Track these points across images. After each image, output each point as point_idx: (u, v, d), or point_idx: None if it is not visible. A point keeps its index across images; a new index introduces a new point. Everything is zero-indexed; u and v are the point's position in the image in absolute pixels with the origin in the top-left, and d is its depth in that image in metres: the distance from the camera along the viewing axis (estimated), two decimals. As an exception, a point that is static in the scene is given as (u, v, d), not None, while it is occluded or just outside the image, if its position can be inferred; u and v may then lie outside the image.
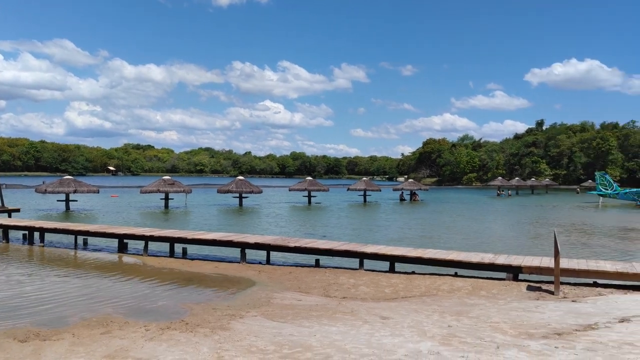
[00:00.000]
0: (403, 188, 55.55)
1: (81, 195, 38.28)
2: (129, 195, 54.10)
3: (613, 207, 47.28)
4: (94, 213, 34.11)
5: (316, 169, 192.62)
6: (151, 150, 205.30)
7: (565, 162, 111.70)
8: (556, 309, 9.36)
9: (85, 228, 18.23)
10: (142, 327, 8.10)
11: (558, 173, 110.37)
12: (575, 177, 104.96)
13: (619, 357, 6.22)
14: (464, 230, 27.00)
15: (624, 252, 19.03)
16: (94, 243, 18.59)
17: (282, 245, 14.82)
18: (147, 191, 39.05)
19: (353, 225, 29.07)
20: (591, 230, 27.78)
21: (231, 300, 10.62)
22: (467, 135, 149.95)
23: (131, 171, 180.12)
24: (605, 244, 21.53)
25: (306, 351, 6.66)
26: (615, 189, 54.09)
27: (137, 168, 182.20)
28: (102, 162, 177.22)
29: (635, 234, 25.32)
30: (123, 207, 40.03)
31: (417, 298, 10.74)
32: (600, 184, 54.67)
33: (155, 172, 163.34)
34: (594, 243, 21.97)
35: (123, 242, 17.19)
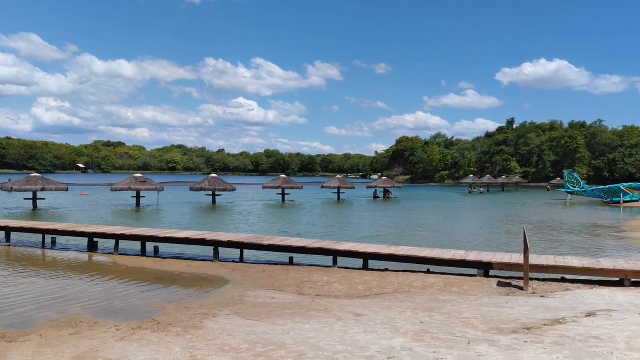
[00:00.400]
0: (377, 186, 55.90)
1: (49, 193, 37.43)
2: (99, 193, 53.11)
3: (580, 205, 48.44)
4: (62, 211, 33.39)
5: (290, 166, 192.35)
6: (122, 147, 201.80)
7: (534, 160, 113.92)
8: (525, 304, 9.55)
9: (54, 227, 17.82)
10: (113, 327, 7.97)
11: (528, 171, 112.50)
12: (545, 175, 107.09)
13: (585, 350, 6.38)
14: (436, 227, 27.31)
15: (590, 248, 19.52)
16: (63, 242, 18.19)
17: (256, 243, 14.75)
18: (118, 189, 38.39)
19: (327, 223, 29.12)
20: (559, 227, 28.42)
21: (204, 299, 10.53)
22: (440, 133, 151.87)
23: (102, 169, 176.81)
24: (572, 241, 22.05)
25: (280, 349, 6.64)
26: (583, 186, 55.40)
27: (107, 165, 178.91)
28: (71, 160, 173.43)
29: (602, 231, 26.00)
30: (93, 205, 39.29)
31: (390, 295, 10.82)
32: (568, 182, 55.93)
33: (127, 170, 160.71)
34: (562, 239, 22.48)
35: (93, 241, 16.88)
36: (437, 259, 12.88)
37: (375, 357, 6.23)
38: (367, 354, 6.37)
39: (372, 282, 12.05)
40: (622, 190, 48.99)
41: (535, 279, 11.87)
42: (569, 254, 15.83)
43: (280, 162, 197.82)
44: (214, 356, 6.41)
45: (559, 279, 12.11)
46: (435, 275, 12.75)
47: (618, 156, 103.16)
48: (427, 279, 12.27)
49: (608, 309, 8.88)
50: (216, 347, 6.81)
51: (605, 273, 11.57)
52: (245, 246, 14.87)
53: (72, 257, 15.94)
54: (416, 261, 13.14)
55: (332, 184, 51.65)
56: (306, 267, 14.04)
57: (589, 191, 54.01)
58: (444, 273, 12.87)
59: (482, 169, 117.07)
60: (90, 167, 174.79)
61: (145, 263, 14.77)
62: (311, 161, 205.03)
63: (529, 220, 31.14)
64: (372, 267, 13.71)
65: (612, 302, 9.53)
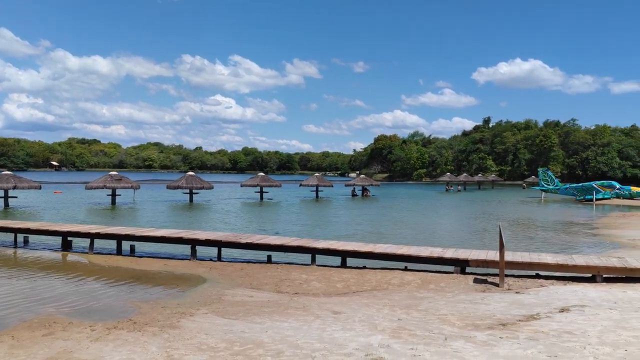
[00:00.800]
0: (355, 184, 56.08)
1: (21, 191, 36.63)
2: (73, 191, 52.21)
3: (554, 202, 49.33)
4: (35, 210, 32.73)
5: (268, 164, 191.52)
6: (97, 145, 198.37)
7: (510, 158, 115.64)
8: (501, 300, 9.69)
9: (26, 225, 17.44)
10: (88, 328, 7.84)
11: (503, 169, 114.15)
12: (520, 173, 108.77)
13: (559, 345, 6.50)
14: (414, 225, 27.52)
15: (564, 245, 19.88)
16: (36, 241, 17.83)
17: (234, 241, 14.67)
18: (92, 187, 37.80)
19: (305, 221, 29.12)
20: (534, 224, 28.90)
21: (181, 297, 10.43)
22: (417, 131, 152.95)
23: (76, 166, 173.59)
24: (547, 238, 22.44)
25: (258, 347, 6.62)
26: (557, 184, 56.44)
27: (82, 163, 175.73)
28: (44, 157, 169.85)
29: (575, 228, 26.52)
30: (67, 203, 38.61)
31: (368, 292, 10.87)
32: (542, 180, 56.91)
33: (102, 168, 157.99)
34: (536, 236, 22.87)
35: (67, 240, 16.59)
36: (415, 257, 12.99)
37: (353, 354, 6.25)
38: (345, 351, 6.39)
39: (350, 280, 12.09)
40: (595, 188, 50.05)
41: (510, 276, 12.05)
42: (543, 251, 16.08)
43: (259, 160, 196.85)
44: (191, 355, 6.36)
45: (533, 276, 12.31)
46: (412, 272, 12.85)
47: (590, 155, 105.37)
48: (405, 277, 12.35)
49: (581, 304, 9.07)
50: (193, 346, 6.75)
51: (578, 269, 11.81)
52: (223, 244, 14.78)
53: (46, 256, 15.63)
54: (394, 259, 13.22)
55: (311, 182, 51.65)
56: (284, 265, 14.02)
57: (563, 189, 55.04)
58: (422, 270, 12.97)
59: (459, 167, 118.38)
60: (64, 165, 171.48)
61: (121, 262, 14.58)
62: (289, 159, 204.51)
63: (505, 218, 31.60)
64: (350, 265, 13.75)
65: (584, 297, 9.73)
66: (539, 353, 6.19)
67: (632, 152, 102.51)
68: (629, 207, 42.04)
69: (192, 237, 14.97)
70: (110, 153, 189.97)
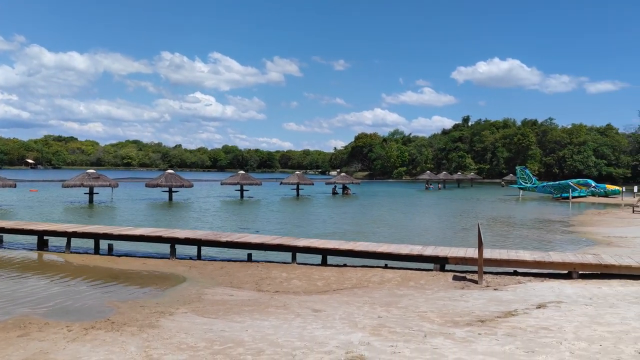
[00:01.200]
0: (335, 182, 56.18)
1: (-4, 189, 35.92)
2: (49, 189, 51.30)
3: (532, 200, 50.06)
4: (10, 208, 32.07)
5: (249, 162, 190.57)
6: (74, 142, 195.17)
7: (489, 156, 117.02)
8: (479, 297, 9.80)
9: (0, 224, 17.08)
10: (64, 328, 7.71)
11: (482, 167, 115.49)
12: (498, 171, 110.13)
13: (536, 341, 6.60)
14: (394, 223, 27.68)
15: (541, 242, 20.20)
16: (10, 240, 17.46)
17: (214, 240, 14.59)
18: (69, 185, 37.19)
19: (286, 220, 29.08)
20: (512, 222, 29.29)
21: (160, 297, 10.33)
22: (398, 130, 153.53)
23: (52, 164, 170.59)
24: (524, 235, 22.77)
25: (238, 346, 6.59)
26: (534, 182, 57.33)
27: (58, 161, 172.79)
28: (19, 155, 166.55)
29: (551, 225, 26.95)
30: (43, 202, 37.94)
31: (349, 290, 10.90)
32: (520, 178, 57.75)
33: (79, 166, 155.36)
34: (514, 234, 23.19)
35: (43, 239, 16.30)
36: (395, 254, 13.06)
37: (334, 352, 6.27)
38: (326, 349, 6.40)
39: (331, 278, 12.11)
40: (571, 186, 50.95)
41: (489, 273, 12.19)
42: (521, 248, 16.33)
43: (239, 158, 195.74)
44: (171, 355, 6.31)
45: (511, 272, 12.48)
46: (392, 270, 12.93)
47: (567, 153, 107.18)
48: (385, 274, 12.42)
49: (557, 300, 9.22)
50: (173, 345, 6.70)
51: (555, 266, 12.01)
52: (202, 243, 14.68)
53: (21, 256, 15.32)
54: (374, 256, 13.28)
55: (291, 180, 51.60)
56: (265, 264, 13.98)
57: (540, 187, 55.93)
58: (402, 268, 13.06)
59: (439, 165, 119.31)
60: (40, 163, 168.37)
61: (99, 261, 14.38)
62: (270, 157, 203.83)
63: (483, 216, 31.96)
64: (330, 263, 13.78)
65: (561, 293, 9.90)
66: (517, 349, 6.27)
67: (607, 150, 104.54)
68: (604, 205, 42.88)
69: (172, 236, 14.84)
70: (87, 151, 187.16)
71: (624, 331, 7.01)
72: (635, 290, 10.09)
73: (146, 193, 46.23)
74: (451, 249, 13.82)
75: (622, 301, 9.09)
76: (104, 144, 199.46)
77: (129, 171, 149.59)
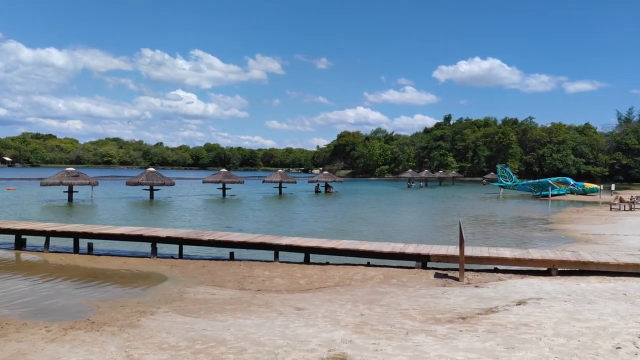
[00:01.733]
0: (318, 180, 56.22)
1: (-28, 188, 35.22)
2: (27, 188, 50.47)
3: (512, 198, 50.65)
4: (-13, 207, 31.49)
5: (231, 160, 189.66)
6: (53, 140, 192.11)
7: (470, 155, 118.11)
8: (461, 294, 9.88)
9: (-23, 224, 16.76)
10: (43, 328, 7.59)
11: (464, 166, 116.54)
12: (479, 170, 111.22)
13: (516, 337, 6.68)
14: (376, 221, 27.78)
15: (521, 240, 20.45)
16: (-12, 240, 17.15)
17: (196, 238, 14.49)
18: (48, 183, 36.60)
19: (268, 218, 29.01)
20: (493, 219, 29.60)
21: (141, 296, 10.23)
22: (380, 128, 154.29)
23: (30, 162, 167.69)
24: (505, 233, 23.03)
25: (220, 345, 6.56)
26: (515, 180, 58.00)
27: (37, 159, 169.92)
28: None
29: (531, 223, 27.30)
30: (21, 200, 37.28)
31: (331, 288, 10.91)
32: (501, 176, 58.36)
33: (58, 164, 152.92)
34: (495, 232, 23.44)
35: (21, 239, 16.01)
36: (377, 252, 13.11)
37: (316, 350, 6.27)
38: (308, 347, 6.40)
39: (314, 276, 12.11)
40: (550, 184, 51.65)
41: (470, 270, 12.31)
42: (502, 246, 16.50)
43: (221, 156, 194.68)
44: (152, 355, 6.25)
45: (492, 270, 12.61)
46: (375, 268, 12.97)
47: (547, 152, 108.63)
48: (367, 272, 12.46)
49: (537, 297, 9.34)
50: (154, 345, 6.63)
51: (535, 263, 12.16)
52: (184, 242, 14.57)
53: (-2, 255, 15.05)
54: (356, 254, 13.31)
55: (274, 178, 51.49)
56: (247, 262, 13.93)
57: (520, 185, 56.61)
58: (384, 266, 13.11)
59: (421, 163, 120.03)
60: (18, 161, 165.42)
61: (78, 260, 14.18)
62: (252, 155, 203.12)
63: (465, 214, 32.24)
64: (313, 261, 13.77)
65: (540, 290, 10.03)
66: (497, 345, 6.34)
67: (585, 149, 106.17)
68: (582, 203, 43.55)
69: (153, 235, 14.70)
70: (66, 148, 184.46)
71: (601, 327, 7.13)
72: (613, 287, 10.28)
73: (127, 191, 45.74)
74: (433, 246, 13.91)
75: (599, 297, 9.24)
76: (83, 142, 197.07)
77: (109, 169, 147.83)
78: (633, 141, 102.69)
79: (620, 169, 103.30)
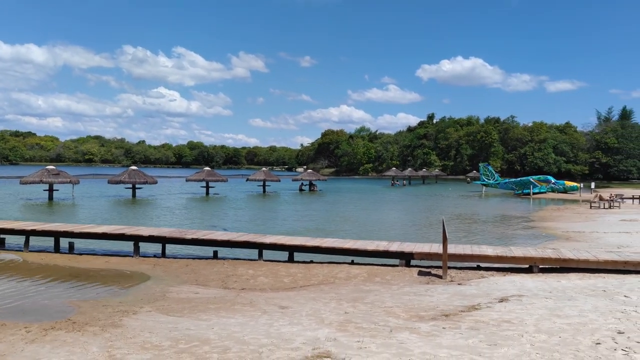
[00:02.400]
0: (302, 178, 56.18)
1: (-51, 186, 34.54)
2: (6, 186, 49.61)
3: (494, 196, 51.15)
4: (-35, 206, 30.91)
5: (214, 159, 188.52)
6: (32, 137, 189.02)
7: (453, 153, 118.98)
8: (444, 291, 9.95)
9: (-45, 223, 16.44)
10: (22, 329, 7.47)
11: (447, 164, 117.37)
12: (462, 168, 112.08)
13: (498, 334, 6.75)
14: (360, 219, 27.85)
15: (503, 238, 20.66)
16: (-35, 239, 16.82)
17: (179, 237, 14.38)
18: (28, 182, 36.01)
19: (252, 216, 28.91)
20: (476, 217, 29.86)
21: (123, 295, 10.13)
22: (364, 127, 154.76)
23: (9, 160, 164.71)
24: (487, 230, 23.25)
25: (203, 345, 6.51)
26: (497, 179, 58.57)
27: (16, 157, 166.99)
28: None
29: (513, 221, 27.59)
30: (0, 199, 36.65)
31: (315, 286, 10.91)
32: (483, 175, 58.91)
33: (38, 162, 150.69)
34: (477, 229, 23.65)
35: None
36: (361, 250, 13.14)
37: (300, 348, 6.26)
38: (292, 345, 6.39)
39: (298, 275, 12.10)
40: (532, 183, 52.29)
41: (453, 268, 12.40)
42: (484, 243, 16.65)
43: (204, 154, 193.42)
44: (135, 355, 6.19)
45: (474, 267, 12.72)
46: (359, 266, 13.00)
47: (528, 150, 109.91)
48: (351, 270, 12.48)
49: (519, 294, 9.44)
50: (137, 345, 6.57)
51: (516, 260, 12.30)
52: (167, 240, 14.45)
53: (-24, 255, 14.78)
54: (340, 252, 13.33)
55: (258, 176, 51.34)
56: (231, 261, 13.87)
57: (502, 183, 57.19)
58: (368, 264, 13.15)
59: (404, 162, 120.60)
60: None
61: (59, 260, 13.98)
62: (236, 153, 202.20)
63: (448, 212, 32.47)
64: (297, 260, 13.76)
65: (522, 287, 10.14)
66: (480, 342, 6.40)
67: (566, 148, 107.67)
68: (563, 201, 44.15)
69: (135, 234, 14.55)
70: (46, 146, 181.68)
71: (581, 323, 7.23)
72: (593, 284, 10.43)
73: (109, 190, 45.22)
74: (416, 244, 13.99)
75: (580, 294, 9.37)
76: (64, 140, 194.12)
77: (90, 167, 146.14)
78: (612, 140, 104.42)
79: (599, 167, 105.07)
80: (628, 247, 15.87)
